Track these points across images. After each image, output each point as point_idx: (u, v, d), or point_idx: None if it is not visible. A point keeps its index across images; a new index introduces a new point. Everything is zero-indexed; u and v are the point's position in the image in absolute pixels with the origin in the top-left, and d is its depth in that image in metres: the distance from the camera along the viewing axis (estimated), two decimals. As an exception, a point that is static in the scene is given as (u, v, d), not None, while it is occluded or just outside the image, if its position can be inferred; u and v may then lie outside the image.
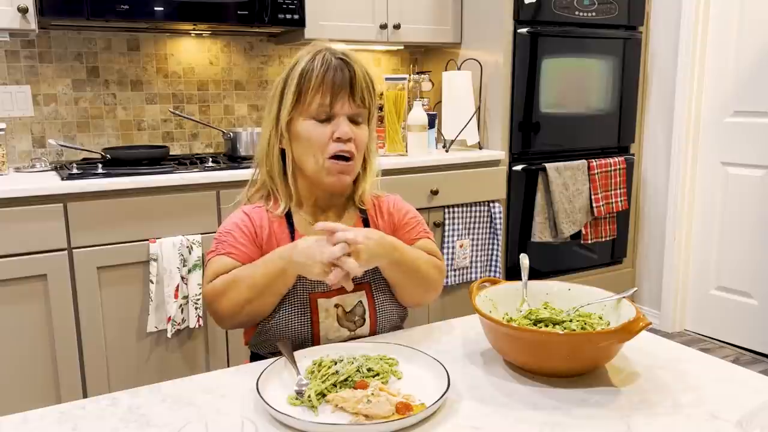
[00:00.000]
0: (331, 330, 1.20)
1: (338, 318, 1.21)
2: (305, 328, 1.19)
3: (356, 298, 1.22)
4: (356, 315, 1.22)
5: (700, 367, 1.05)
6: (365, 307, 1.23)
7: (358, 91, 1.17)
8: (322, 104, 1.17)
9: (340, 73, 1.16)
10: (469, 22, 2.89)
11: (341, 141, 1.17)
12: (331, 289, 1.20)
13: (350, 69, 1.17)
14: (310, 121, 1.18)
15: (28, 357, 1.99)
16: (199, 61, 2.73)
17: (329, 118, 1.18)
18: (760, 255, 2.87)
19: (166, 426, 0.88)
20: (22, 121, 2.44)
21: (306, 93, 1.17)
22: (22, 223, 1.92)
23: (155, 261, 2.08)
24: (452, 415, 0.90)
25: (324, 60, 1.17)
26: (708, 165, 3.05)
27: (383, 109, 2.67)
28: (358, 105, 1.19)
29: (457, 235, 2.67)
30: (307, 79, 1.17)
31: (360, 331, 1.23)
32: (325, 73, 1.16)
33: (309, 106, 1.18)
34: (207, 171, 2.20)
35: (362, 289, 1.23)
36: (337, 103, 1.17)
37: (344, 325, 1.21)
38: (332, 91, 1.16)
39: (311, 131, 1.18)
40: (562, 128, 2.91)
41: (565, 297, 1.16)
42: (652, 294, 3.30)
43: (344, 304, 1.21)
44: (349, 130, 1.18)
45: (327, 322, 1.20)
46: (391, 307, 1.27)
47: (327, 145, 1.18)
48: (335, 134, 1.17)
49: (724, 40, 2.92)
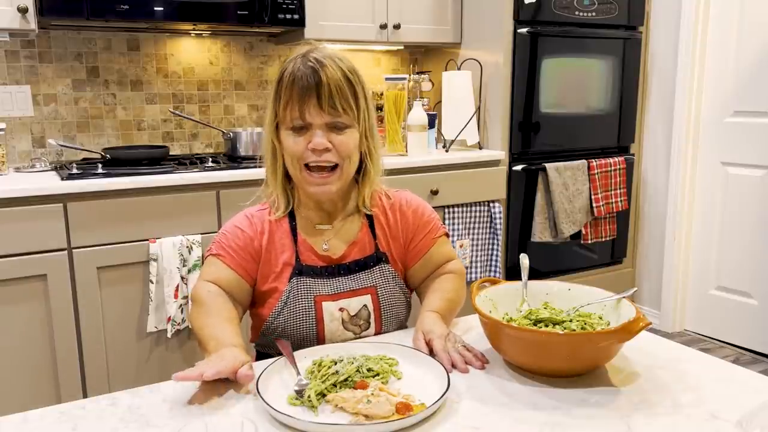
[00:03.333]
0: (336, 333, 1.20)
1: (343, 322, 1.21)
2: (310, 331, 1.19)
3: (361, 302, 1.22)
4: (361, 319, 1.22)
5: (700, 367, 1.05)
6: (370, 311, 1.23)
7: (327, 98, 1.12)
8: (293, 116, 1.14)
9: (306, 82, 1.12)
10: (469, 22, 2.89)
11: (316, 152, 1.15)
12: (336, 293, 1.20)
13: (317, 76, 1.12)
14: (289, 131, 1.17)
15: (28, 357, 1.99)
16: (199, 61, 2.73)
17: (306, 128, 1.15)
18: (760, 255, 2.86)
19: (166, 426, 0.88)
20: (22, 121, 2.44)
21: (281, 104, 1.16)
22: (22, 223, 1.92)
23: (155, 261, 2.08)
24: (452, 415, 0.90)
25: (294, 68, 1.14)
26: (708, 165, 3.05)
27: (383, 109, 2.67)
28: (331, 112, 1.14)
29: (457, 235, 2.67)
30: (280, 90, 1.15)
31: (365, 334, 1.23)
32: (293, 83, 1.13)
33: (284, 118, 1.16)
34: (207, 171, 2.20)
35: (368, 293, 1.23)
36: (306, 113, 1.13)
37: (349, 328, 1.22)
38: (300, 101, 1.13)
39: (288, 141, 1.17)
40: (562, 128, 2.91)
41: (565, 297, 1.16)
42: (652, 294, 3.30)
43: (349, 308, 1.21)
44: (323, 141, 1.14)
45: (332, 326, 1.20)
46: (398, 308, 1.27)
47: (303, 155, 1.16)
48: (309, 145, 1.15)
49: (724, 40, 2.92)
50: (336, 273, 1.22)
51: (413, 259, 1.30)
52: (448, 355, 1.05)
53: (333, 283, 1.21)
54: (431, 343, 1.08)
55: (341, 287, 1.22)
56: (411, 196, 1.33)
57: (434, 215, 1.33)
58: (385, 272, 1.25)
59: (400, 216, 1.29)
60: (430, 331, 1.10)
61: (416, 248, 1.29)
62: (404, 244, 1.29)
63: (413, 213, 1.30)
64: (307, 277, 1.20)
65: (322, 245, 1.23)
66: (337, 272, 1.22)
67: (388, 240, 1.28)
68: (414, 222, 1.29)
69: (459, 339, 1.10)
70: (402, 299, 1.28)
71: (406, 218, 1.29)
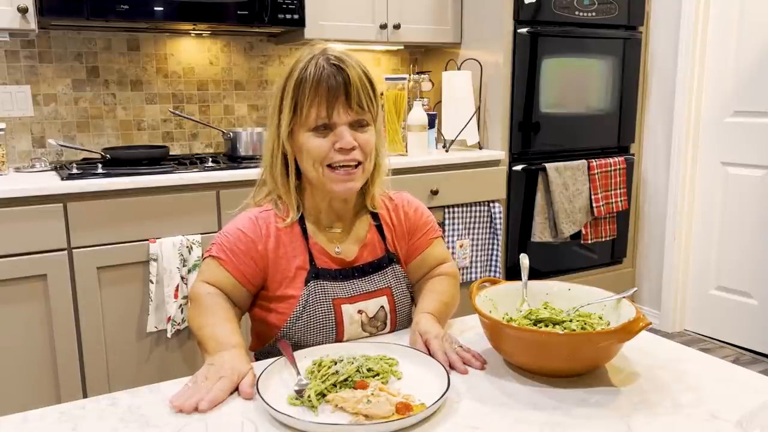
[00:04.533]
0: (355, 336, 1.20)
1: (362, 324, 1.21)
2: (330, 335, 1.18)
3: (378, 303, 1.22)
4: (379, 320, 1.23)
5: (700, 367, 1.05)
6: (387, 312, 1.23)
7: (355, 96, 1.12)
8: (319, 115, 1.12)
9: (334, 81, 1.11)
10: (469, 22, 2.89)
11: (344, 151, 1.14)
12: (352, 295, 1.20)
13: (344, 74, 1.12)
14: (310, 133, 1.14)
15: (28, 357, 1.99)
16: (199, 61, 2.73)
17: (329, 128, 1.14)
18: (760, 255, 2.86)
19: (166, 426, 0.88)
20: (22, 121, 2.44)
21: (302, 105, 1.13)
22: (22, 223, 1.92)
23: (155, 261, 2.08)
24: (452, 415, 0.90)
25: (317, 68, 1.12)
26: (708, 165, 3.05)
27: (383, 109, 2.67)
28: (357, 111, 1.14)
29: (457, 235, 2.67)
30: (301, 90, 1.12)
31: (380, 334, 1.23)
32: (319, 82, 1.11)
33: (307, 119, 1.13)
34: (207, 171, 2.20)
35: (384, 294, 1.23)
36: (334, 112, 1.12)
37: (367, 330, 1.22)
38: (327, 101, 1.11)
39: (311, 143, 1.14)
40: (562, 128, 2.91)
41: (565, 297, 1.16)
42: (652, 294, 3.29)
43: (367, 310, 1.21)
44: (352, 139, 1.14)
45: (351, 328, 1.20)
46: (409, 307, 1.28)
47: (328, 155, 1.14)
48: (337, 145, 1.13)
49: (724, 40, 2.92)
50: (351, 275, 1.22)
51: (410, 257, 1.31)
52: (445, 355, 1.05)
53: (349, 285, 1.21)
54: (428, 344, 1.08)
55: (357, 289, 1.21)
56: (410, 197, 1.35)
57: (432, 216, 1.35)
58: (397, 273, 1.26)
59: (404, 216, 1.30)
60: (427, 332, 1.10)
61: (414, 246, 1.30)
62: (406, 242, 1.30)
63: (414, 213, 1.31)
64: (324, 281, 1.19)
65: (335, 248, 1.23)
66: (352, 275, 1.22)
67: (395, 241, 1.29)
68: (414, 221, 1.31)
69: (455, 340, 1.10)
70: (410, 299, 1.30)
71: (409, 218, 1.31)
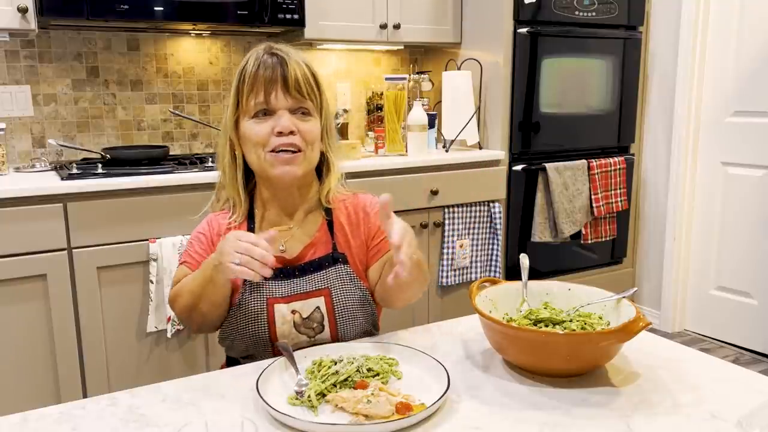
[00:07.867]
0: (289, 336, 1.18)
1: (295, 324, 1.18)
2: (263, 333, 1.18)
3: (314, 303, 1.20)
4: (314, 321, 1.19)
5: (700, 367, 1.05)
6: (323, 313, 1.20)
7: (293, 82, 1.15)
8: (258, 102, 1.16)
9: (271, 69, 1.15)
10: (469, 22, 2.89)
11: (283, 134, 1.16)
12: (289, 294, 1.19)
13: (282, 62, 1.16)
14: (251, 121, 1.17)
15: (28, 357, 1.99)
16: (199, 61, 2.73)
17: (269, 113, 1.17)
18: (760, 255, 2.86)
19: (166, 426, 0.88)
20: (21, 121, 2.44)
21: (243, 94, 1.17)
22: (22, 223, 1.92)
23: (155, 261, 2.08)
24: (452, 415, 0.90)
25: (257, 59, 1.17)
26: (708, 165, 3.05)
27: (383, 109, 2.67)
28: (296, 96, 1.16)
29: (457, 235, 2.67)
30: (242, 80, 1.17)
31: (320, 337, 1.20)
32: (257, 70, 1.16)
33: (247, 107, 1.17)
34: (207, 171, 2.19)
35: (321, 295, 1.20)
36: (271, 96, 1.15)
37: (302, 331, 1.19)
38: (265, 87, 1.15)
39: (252, 130, 1.17)
40: (562, 128, 2.91)
41: (565, 297, 1.16)
42: (652, 294, 3.30)
43: (301, 311, 1.19)
44: (290, 123, 1.16)
45: (283, 328, 1.18)
46: (356, 311, 1.22)
47: (268, 139, 1.16)
48: (275, 128, 1.16)
49: (724, 40, 2.92)
50: (291, 274, 1.20)
51: (372, 258, 1.26)
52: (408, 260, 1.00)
53: (287, 284, 1.19)
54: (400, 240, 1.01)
55: (295, 289, 1.19)
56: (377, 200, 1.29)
57: None
58: (341, 273, 1.22)
59: (364, 215, 1.28)
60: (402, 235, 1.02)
61: (376, 247, 1.26)
62: (365, 242, 1.27)
63: (376, 215, 1.27)
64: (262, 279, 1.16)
65: (279, 246, 1.21)
66: (292, 273, 1.20)
67: (348, 239, 1.25)
68: (375, 222, 1.27)
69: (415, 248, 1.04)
70: (361, 301, 1.23)
71: (369, 219, 1.27)
